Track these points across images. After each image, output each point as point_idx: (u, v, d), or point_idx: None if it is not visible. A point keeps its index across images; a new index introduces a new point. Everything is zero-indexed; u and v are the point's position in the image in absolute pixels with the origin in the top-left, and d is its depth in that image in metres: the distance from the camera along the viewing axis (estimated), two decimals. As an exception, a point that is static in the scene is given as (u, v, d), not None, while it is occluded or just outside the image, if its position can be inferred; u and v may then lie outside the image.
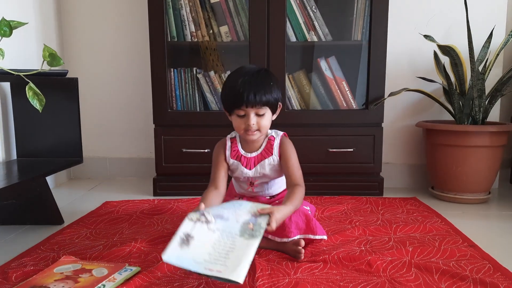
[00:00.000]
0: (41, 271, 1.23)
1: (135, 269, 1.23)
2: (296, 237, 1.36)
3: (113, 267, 1.24)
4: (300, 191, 1.40)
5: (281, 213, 1.26)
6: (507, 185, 2.43)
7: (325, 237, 1.42)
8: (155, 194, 2.18)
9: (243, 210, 1.24)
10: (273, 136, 1.49)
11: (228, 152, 1.49)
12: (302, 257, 1.31)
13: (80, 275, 1.19)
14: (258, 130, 1.40)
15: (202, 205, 1.25)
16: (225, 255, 1.09)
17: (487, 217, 1.87)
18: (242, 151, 1.48)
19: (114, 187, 2.39)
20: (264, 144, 1.48)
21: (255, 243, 1.12)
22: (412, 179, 2.42)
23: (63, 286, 1.13)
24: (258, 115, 1.38)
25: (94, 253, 1.39)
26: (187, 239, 1.13)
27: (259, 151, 1.47)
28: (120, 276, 1.18)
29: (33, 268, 1.27)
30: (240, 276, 1.02)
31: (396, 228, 1.60)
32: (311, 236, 1.39)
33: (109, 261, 1.32)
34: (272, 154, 1.46)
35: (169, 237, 1.51)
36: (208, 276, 1.07)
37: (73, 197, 2.18)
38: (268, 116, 1.41)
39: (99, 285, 1.13)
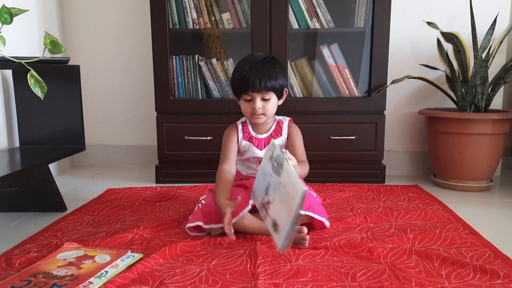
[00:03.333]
0: (45, 258, 1.24)
1: (137, 255, 1.24)
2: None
3: (116, 253, 1.25)
4: (306, 165, 1.50)
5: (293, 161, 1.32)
6: (509, 173, 2.42)
7: (326, 222, 1.44)
8: (157, 181, 2.19)
9: (266, 167, 1.27)
10: (281, 120, 1.59)
11: (240, 135, 1.57)
12: (307, 245, 1.32)
13: (83, 262, 1.20)
14: (264, 114, 1.48)
15: (230, 210, 1.32)
16: (288, 195, 1.12)
17: (488, 204, 1.87)
18: (253, 133, 1.57)
19: (117, 174, 2.40)
20: (273, 127, 1.58)
21: (285, 164, 1.16)
22: (414, 167, 2.42)
23: (66, 272, 1.14)
24: (263, 99, 1.46)
25: (97, 239, 1.40)
26: (274, 227, 1.16)
27: (269, 133, 1.57)
28: (122, 263, 1.19)
29: (36, 255, 1.28)
30: (299, 186, 1.07)
31: (398, 215, 1.61)
32: (311, 214, 1.39)
33: (112, 247, 1.33)
34: (281, 135, 1.57)
35: (171, 224, 1.53)
36: (295, 216, 1.09)
37: (76, 184, 2.19)
38: (273, 101, 1.49)
39: (102, 271, 1.14)
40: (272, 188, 1.21)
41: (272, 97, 1.48)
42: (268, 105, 1.47)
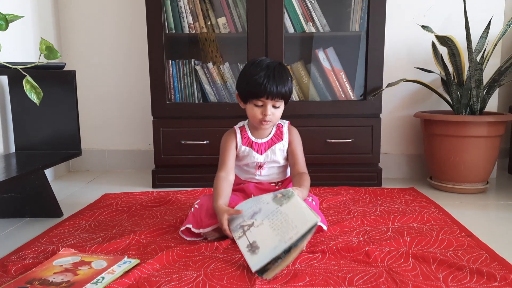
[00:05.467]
0: (41, 264, 1.23)
1: (134, 261, 1.24)
2: None
3: (112, 259, 1.25)
4: (308, 178, 1.50)
5: (301, 192, 1.37)
6: (505, 175, 2.43)
7: (324, 226, 1.45)
8: (154, 186, 2.19)
9: (265, 197, 1.34)
10: (281, 123, 1.59)
11: (239, 140, 1.55)
12: (304, 248, 1.32)
13: (79, 268, 1.20)
14: (271, 121, 1.49)
15: (226, 216, 1.34)
16: (287, 224, 1.22)
17: (485, 207, 1.87)
18: (252, 138, 1.56)
19: (113, 179, 2.40)
20: (273, 131, 1.57)
21: (295, 197, 1.27)
22: (411, 170, 2.43)
23: (63, 279, 1.14)
24: (274, 107, 1.47)
25: (93, 245, 1.39)
26: (252, 248, 1.22)
27: (269, 137, 1.56)
28: (119, 269, 1.19)
29: (32, 261, 1.28)
30: (312, 218, 1.18)
31: (394, 218, 1.61)
32: None
33: (108, 253, 1.33)
34: (282, 139, 1.56)
35: (168, 229, 1.53)
36: (293, 246, 1.16)
37: (72, 190, 2.18)
38: (282, 109, 1.51)
39: (98, 277, 1.14)
40: (262, 214, 1.29)
41: (282, 104, 1.49)
42: (277, 112, 1.48)
